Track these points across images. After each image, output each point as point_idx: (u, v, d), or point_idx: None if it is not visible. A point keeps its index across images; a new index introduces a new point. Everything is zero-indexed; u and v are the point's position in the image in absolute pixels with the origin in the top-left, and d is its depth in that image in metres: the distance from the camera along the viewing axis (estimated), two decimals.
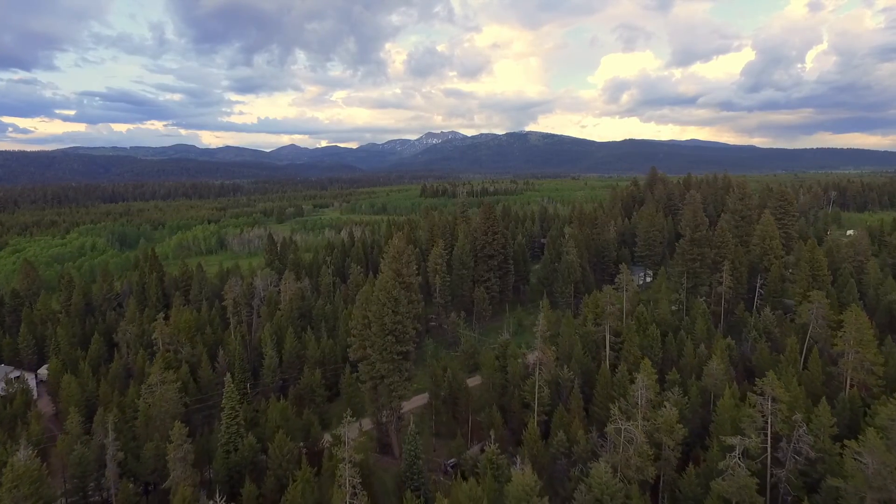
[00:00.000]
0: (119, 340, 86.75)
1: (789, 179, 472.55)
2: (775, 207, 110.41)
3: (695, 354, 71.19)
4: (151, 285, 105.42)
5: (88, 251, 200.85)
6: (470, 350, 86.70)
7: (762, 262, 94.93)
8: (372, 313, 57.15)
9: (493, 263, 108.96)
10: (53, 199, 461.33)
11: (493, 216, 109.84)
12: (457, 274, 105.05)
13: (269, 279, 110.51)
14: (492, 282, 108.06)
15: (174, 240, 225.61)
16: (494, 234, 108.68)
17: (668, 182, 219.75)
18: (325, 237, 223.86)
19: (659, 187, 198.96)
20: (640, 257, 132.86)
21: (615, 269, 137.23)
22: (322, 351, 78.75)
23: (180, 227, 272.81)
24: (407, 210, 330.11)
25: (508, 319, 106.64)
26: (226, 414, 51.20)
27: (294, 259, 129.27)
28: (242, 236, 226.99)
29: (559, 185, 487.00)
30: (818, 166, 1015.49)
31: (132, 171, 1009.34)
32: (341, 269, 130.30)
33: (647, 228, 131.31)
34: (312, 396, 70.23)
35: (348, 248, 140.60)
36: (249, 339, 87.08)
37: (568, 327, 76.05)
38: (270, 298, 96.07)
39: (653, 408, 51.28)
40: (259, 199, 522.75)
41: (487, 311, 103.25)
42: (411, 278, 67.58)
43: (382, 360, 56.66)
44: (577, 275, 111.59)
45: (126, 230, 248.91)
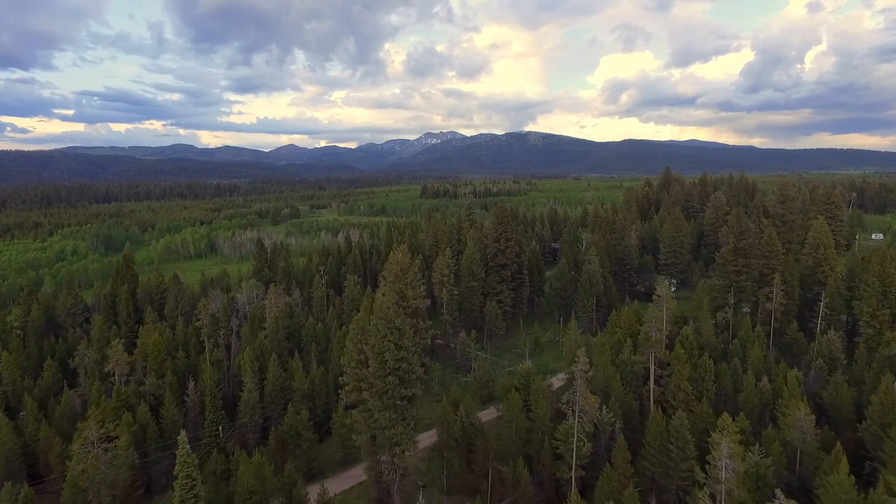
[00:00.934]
0: (77, 367, 74.75)
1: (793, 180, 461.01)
2: (819, 211, 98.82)
3: (757, 391, 59.42)
4: (122, 299, 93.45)
5: (68, 256, 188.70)
6: (483, 377, 74.82)
7: (815, 274, 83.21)
8: (370, 347, 45.28)
9: (506, 274, 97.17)
10: (43, 200, 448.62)
11: (507, 220, 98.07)
12: (465, 286, 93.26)
13: (255, 291, 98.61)
14: (504, 294, 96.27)
15: (161, 243, 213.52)
16: (508, 240, 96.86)
17: (683, 182, 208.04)
18: (321, 240, 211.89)
19: (676, 188, 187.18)
20: (665, 265, 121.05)
21: (637, 279, 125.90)
22: (311, 382, 66.83)
23: (170, 229, 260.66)
24: (407, 211, 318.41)
25: (525, 338, 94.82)
26: (179, 485, 39.29)
27: (284, 267, 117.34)
28: (234, 239, 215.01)
29: (563, 185, 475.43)
30: (818, 167, 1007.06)
31: (130, 171, 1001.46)
32: (336, 278, 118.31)
33: (672, 234, 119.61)
34: (298, 441, 58.31)
35: (344, 255, 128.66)
36: (228, 366, 75.13)
37: (601, 355, 64.17)
38: (254, 315, 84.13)
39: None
40: (255, 199, 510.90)
41: (501, 327, 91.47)
42: (418, 301, 55.66)
43: (382, 407, 44.81)
44: (599, 287, 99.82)
45: (112, 233, 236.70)
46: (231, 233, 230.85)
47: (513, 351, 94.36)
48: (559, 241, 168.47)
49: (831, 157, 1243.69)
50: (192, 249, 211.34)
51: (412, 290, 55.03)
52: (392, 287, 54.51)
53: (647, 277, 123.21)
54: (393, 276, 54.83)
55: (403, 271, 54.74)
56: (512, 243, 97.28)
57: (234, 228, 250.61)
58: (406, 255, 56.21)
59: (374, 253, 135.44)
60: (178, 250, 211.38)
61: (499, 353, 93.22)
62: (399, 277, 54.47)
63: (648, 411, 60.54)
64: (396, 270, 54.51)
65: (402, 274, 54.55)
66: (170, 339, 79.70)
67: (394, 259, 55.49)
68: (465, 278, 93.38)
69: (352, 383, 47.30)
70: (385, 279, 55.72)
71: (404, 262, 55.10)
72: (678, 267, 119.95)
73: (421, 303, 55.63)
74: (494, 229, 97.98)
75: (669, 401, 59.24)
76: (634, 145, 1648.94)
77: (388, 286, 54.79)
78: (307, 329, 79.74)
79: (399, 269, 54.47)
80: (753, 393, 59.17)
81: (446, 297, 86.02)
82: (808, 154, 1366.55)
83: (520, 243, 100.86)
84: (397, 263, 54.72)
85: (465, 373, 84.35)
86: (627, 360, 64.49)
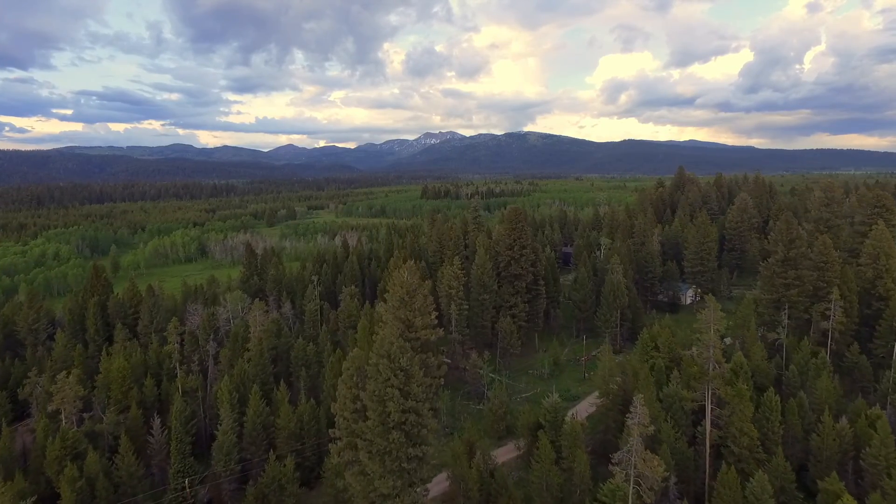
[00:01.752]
0: (28, 398, 64.43)
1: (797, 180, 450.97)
2: (868, 215, 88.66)
3: (835, 434, 49.28)
4: (90, 313, 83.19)
5: (49, 260, 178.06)
6: (500, 409, 64.59)
7: (874, 287, 73.13)
8: (368, 394, 35.17)
9: (520, 285, 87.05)
10: (33, 200, 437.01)
11: (522, 225, 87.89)
12: (475, 299, 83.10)
13: (240, 304, 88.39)
14: (519, 308, 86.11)
15: (149, 246, 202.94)
16: (523, 247, 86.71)
17: (698, 183, 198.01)
18: (318, 243, 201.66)
19: (692, 190, 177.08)
20: (691, 274, 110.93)
21: (659, 288, 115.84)
22: (299, 419, 56.59)
23: (160, 231, 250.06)
24: (408, 213, 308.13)
25: (542, 357, 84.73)
26: None
27: (275, 276, 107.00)
28: (225, 242, 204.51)
29: (566, 185, 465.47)
30: (818, 167, 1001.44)
31: (127, 171, 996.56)
32: (332, 287, 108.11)
33: (698, 239, 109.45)
34: (281, 497, 48.10)
35: (341, 262, 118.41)
36: (205, 395, 64.86)
37: (646, 386, 53.89)
38: (237, 334, 73.86)
39: None
40: (252, 199, 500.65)
41: (516, 346, 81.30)
42: (428, 333, 44.99)
43: (384, 472, 34.67)
44: (624, 299, 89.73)
45: (98, 235, 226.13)
46: (223, 235, 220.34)
47: (529, 372, 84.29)
48: (571, 246, 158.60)
49: (830, 158, 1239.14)
50: (181, 253, 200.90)
51: (422, 317, 44.51)
52: (396, 314, 43.99)
53: (670, 286, 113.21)
54: (397, 301, 44.31)
55: (410, 294, 44.21)
56: (527, 251, 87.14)
57: (227, 231, 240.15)
58: (413, 274, 45.68)
59: (372, 259, 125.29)
60: (166, 254, 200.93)
61: (514, 375, 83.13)
62: (405, 303, 43.96)
63: (704, 461, 50.53)
64: (401, 294, 44.04)
65: (409, 298, 44.02)
66: (138, 363, 69.49)
67: (398, 279, 44.97)
68: (475, 291, 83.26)
69: (345, 438, 37.10)
70: (387, 304, 45.18)
71: (411, 283, 44.57)
72: (705, 275, 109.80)
73: (432, 334, 45.27)
74: (507, 235, 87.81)
75: (729, 447, 49.19)
76: (634, 145, 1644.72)
77: (390, 313, 44.26)
78: (296, 351, 69.49)
79: (405, 293, 44.00)
80: (831, 437, 49.06)
81: (455, 313, 75.87)
82: (807, 154, 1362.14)
83: (536, 251, 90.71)
84: (402, 285, 44.21)
85: (476, 399, 74.27)
86: (674, 394, 54.29)
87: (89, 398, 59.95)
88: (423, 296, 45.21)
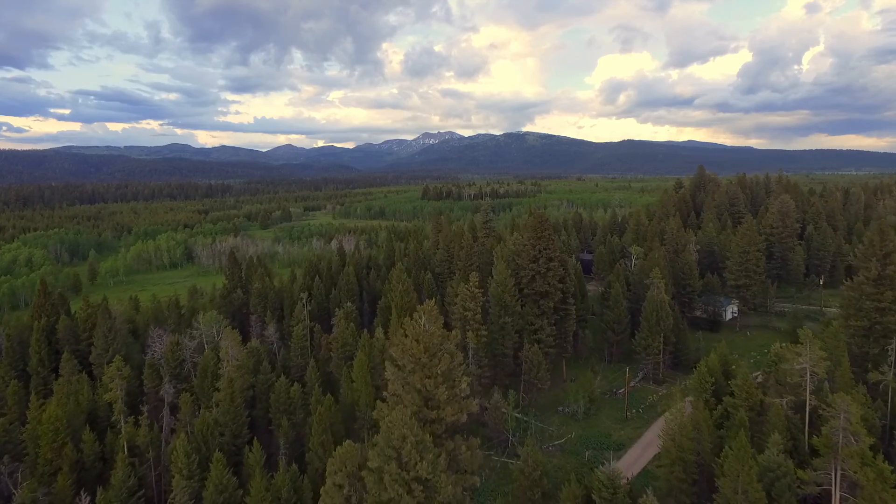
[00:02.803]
0: None
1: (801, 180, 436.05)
2: None
3: None
4: (34, 340, 69.33)
5: (21, 266, 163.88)
6: (534, 472, 50.71)
7: None
8: None
9: (547, 305, 73.44)
10: (20, 201, 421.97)
11: (548, 233, 74.29)
12: (495, 323, 69.48)
13: (215, 328, 74.60)
14: (546, 332, 72.44)
15: (132, 251, 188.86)
16: (549, 260, 73.12)
17: (720, 184, 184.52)
18: (313, 248, 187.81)
19: (718, 192, 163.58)
20: (734, 287, 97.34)
21: (697, 303, 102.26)
22: (276, 493, 42.80)
23: (147, 233, 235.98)
24: (408, 214, 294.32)
25: (572, 390, 70.91)
26: None
27: (260, 290, 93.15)
28: (213, 247, 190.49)
29: (570, 185, 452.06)
30: (818, 167, 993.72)
31: (124, 171, 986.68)
32: (325, 304, 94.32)
33: (743, 247, 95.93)
34: None
35: (336, 273, 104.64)
36: (158, 455, 51.00)
37: (739, 460, 40.08)
38: (206, 369, 60.09)
39: None
40: (248, 200, 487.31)
41: (545, 379, 67.59)
42: (458, 411, 30.36)
43: None
44: (669, 321, 76.16)
45: (79, 239, 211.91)
46: (211, 239, 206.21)
47: (559, 410, 70.53)
48: (589, 252, 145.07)
49: (830, 158, 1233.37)
50: (165, 258, 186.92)
51: (448, 388, 30.22)
52: (410, 383, 29.70)
53: (710, 301, 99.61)
54: (413, 363, 30.08)
55: (431, 354, 30.01)
56: (555, 264, 73.53)
57: (216, 234, 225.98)
58: (433, 319, 31.33)
59: (371, 268, 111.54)
60: (150, 259, 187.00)
61: (541, 412, 69.47)
62: (423, 366, 29.79)
63: None
64: (418, 353, 29.71)
65: (430, 359, 29.83)
66: (79, 409, 55.65)
67: (413, 330, 30.64)
68: (494, 313, 69.64)
69: None
70: (397, 368, 30.65)
71: (432, 335, 30.29)
72: (751, 289, 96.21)
73: (463, 412, 31.01)
74: (531, 245, 74.17)
75: None
76: (634, 146, 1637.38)
77: (401, 381, 29.84)
78: (277, 393, 55.68)
79: (423, 351, 29.82)
80: None
81: (473, 342, 62.17)
82: (806, 155, 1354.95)
83: (564, 263, 77.05)
84: (420, 339, 29.98)
85: (499, 449, 60.60)
86: (777, 467, 40.50)
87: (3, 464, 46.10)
88: (450, 354, 30.89)
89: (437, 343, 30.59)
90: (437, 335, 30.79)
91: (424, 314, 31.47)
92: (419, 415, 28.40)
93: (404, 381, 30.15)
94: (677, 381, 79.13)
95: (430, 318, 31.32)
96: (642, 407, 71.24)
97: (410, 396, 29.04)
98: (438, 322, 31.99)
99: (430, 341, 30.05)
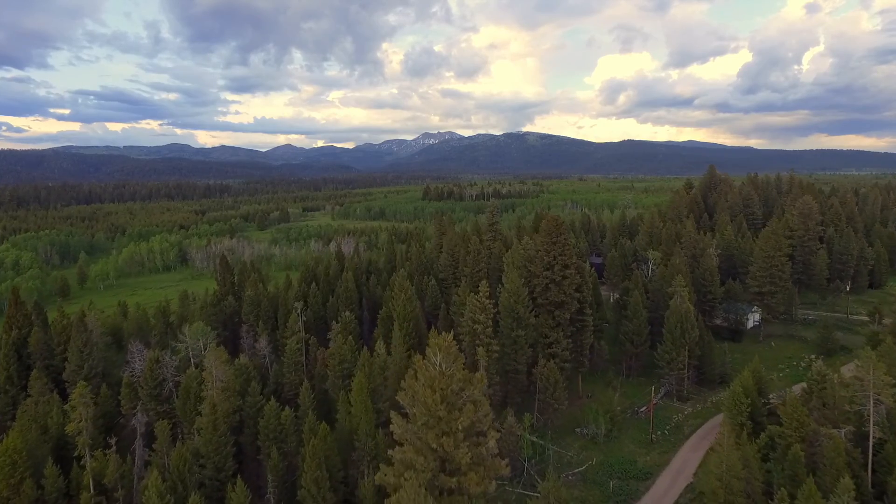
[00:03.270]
0: None
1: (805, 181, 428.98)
2: None
3: None
4: (2, 355, 63.35)
5: (8, 270, 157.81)
6: None
7: None
8: None
9: (562, 316, 67.47)
10: (14, 201, 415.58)
11: (564, 238, 68.32)
12: (507, 336, 63.55)
13: (202, 341, 68.62)
14: (561, 345, 66.50)
15: (124, 253, 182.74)
16: (565, 267, 67.15)
17: (731, 184, 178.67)
18: (311, 251, 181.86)
19: (732, 193, 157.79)
20: (758, 294, 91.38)
21: (719, 311, 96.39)
22: None
23: (141, 235, 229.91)
24: (409, 215, 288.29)
25: (592, 410, 64.88)
26: None
27: (253, 297, 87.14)
28: (208, 249, 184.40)
29: (573, 186, 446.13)
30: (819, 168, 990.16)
31: (123, 171, 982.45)
32: (322, 313, 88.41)
33: (769, 252, 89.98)
34: None
35: (334, 279, 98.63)
36: (129, 495, 44.99)
37: None
38: (188, 390, 54.07)
39: None
40: (246, 200, 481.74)
41: (562, 399, 61.60)
42: (485, 477, 24.33)
43: None
44: (695, 332, 70.25)
45: (70, 240, 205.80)
46: (206, 241, 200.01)
47: (576, 431, 64.58)
48: (600, 256, 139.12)
49: (830, 158, 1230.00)
50: (158, 261, 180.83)
51: (471, 448, 23.82)
52: (423, 440, 23.37)
53: (732, 309, 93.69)
54: (426, 415, 23.31)
55: (450, 406, 23.63)
56: (571, 271, 67.55)
57: (211, 235, 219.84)
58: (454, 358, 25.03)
59: (372, 273, 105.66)
60: (143, 262, 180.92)
61: (557, 434, 63.52)
62: (440, 419, 23.41)
63: None
64: (433, 404, 22.87)
65: (448, 412, 23.61)
66: (47, 434, 49.66)
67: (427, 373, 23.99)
68: (505, 325, 63.70)
69: None
70: (407, 421, 24.00)
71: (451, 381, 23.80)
72: (776, 297, 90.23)
73: (490, 482, 24.40)
74: (546, 251, 68.19)
75: None
76: (634, 146, 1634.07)
77: (410, 437, 23.55)
78: (267, 418, 49.69)
79: (440, 402, 23.23)
80: None
81: (484, 359, 56.21)
82: (806, 155, 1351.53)
83: (581, 270, 71.09)
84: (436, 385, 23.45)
85: (514, 479, 54.59)
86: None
87: None
88: (474, 404, 24.40)
89: (457, 390, 24.31)
90: (457, 379, 24.50)
91: (440, 351, 25.12)
92: (434, 482, 22.42)
93: (415, 436, 23.93)
94: (703, 398, 73.34)
95: (448, 355, 25.01)
96: (668, 428, 65.29)
97: (423, 459, 22.85)
98: (458, 360, 25.72)
99: (449, 388, 23.70)
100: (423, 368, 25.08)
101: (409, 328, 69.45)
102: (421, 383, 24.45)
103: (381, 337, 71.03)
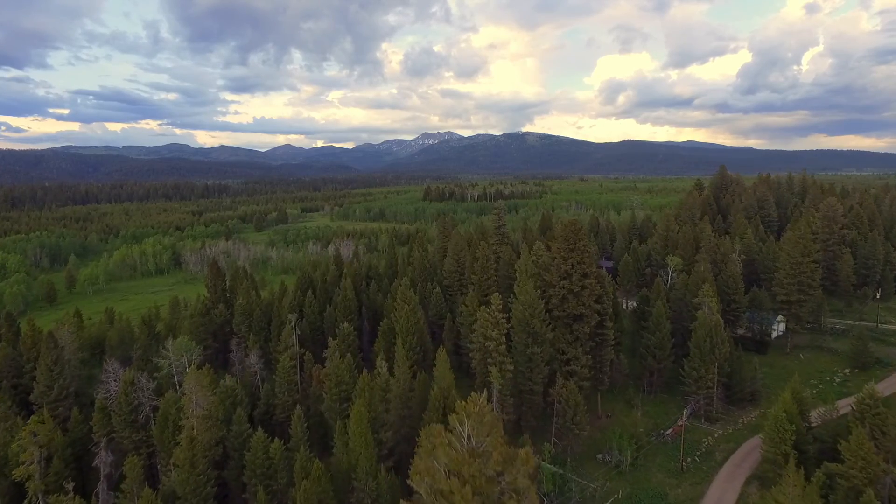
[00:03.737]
0: None
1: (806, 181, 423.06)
2: None
3: None
4: None
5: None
6: None
7: None
8: None
9: (581, 330, 61.57)
10: (9, 201, 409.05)
11: (583, 245, 62.43)
12: (521, 353, 57.65)
13: (186, 356, 62.66)
14: (580, 362, 60.56)
15: (116, 256, 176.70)
16: (584, 277, 61.30)
17: (743, 185, 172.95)
18: (308, 253, 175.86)
19: (746, 194, 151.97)
20: (786, 303, 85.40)
21: (743, 320, 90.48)
22: None
23: (135, 236, 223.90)
24: (410, 216, 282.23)
25: (615, 434, 58.93)
26: None
27: (244, 306, 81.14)
28: (202, 252, 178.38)
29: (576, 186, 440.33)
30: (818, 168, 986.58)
31: (122, 171, 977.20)
32: (319, 323, 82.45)
33: (797, 259, 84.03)
34: None
35: (332, 286, 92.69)
36: None
37: None
38: (166, 417, 48.07)
39: None
40: (244, 201, 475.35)
41: (583, 424, 55.69)
42: None
43: None
44: (725, 347, 64.34)
45: (62, 242, 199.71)
46: (200, 243, 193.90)
47: (598, 457, 58.60)
48: (610, 259, 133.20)
49: (829, 159, 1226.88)
50: (151, 264, 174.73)
51: None
52: None
53: (756, 318, 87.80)
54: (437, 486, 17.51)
55: (486, 497, 17.33)
56: (590, 280, 61.66)
57: (207, 237, 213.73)
58: (489, 429, 18.54)
59: (372, 279, 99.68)
60: (135, 265, 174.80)
61: (578, 460, 57.51)
62: None
63: None
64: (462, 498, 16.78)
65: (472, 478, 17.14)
66: (6, 467, 43.62)
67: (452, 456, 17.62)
68: (519, 341, 57.81)
69: None
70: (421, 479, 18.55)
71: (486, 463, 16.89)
72: (805, 306, 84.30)
73: None
74: (563, 259, 62.29)
75: None
76: (633, 146, 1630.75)
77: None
78: (254, 451, 43.72)
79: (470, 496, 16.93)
80: None
81: (498, 381, 50.31)
82: (806, 155, 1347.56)
83: (601, 280, 65.14)
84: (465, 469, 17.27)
85: None
86: None
87: None
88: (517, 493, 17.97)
89: (493, 475, 17.93)
90: (494, 461, 18.15)
91: (469, 419, 18.41)
92: None
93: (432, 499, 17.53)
94: (733, 418, 67.45)
95: (480, 425, 18.46)
96: (698, 454, 59.31)
97: None
98: (495, 431, 19.12)
99: (483, 473, 17.32)
100: (443, 448, 18.23)
101: (412, 342, 63.63)
102: (442, 466, 18.01)
103: (383, 351, 65.22)
